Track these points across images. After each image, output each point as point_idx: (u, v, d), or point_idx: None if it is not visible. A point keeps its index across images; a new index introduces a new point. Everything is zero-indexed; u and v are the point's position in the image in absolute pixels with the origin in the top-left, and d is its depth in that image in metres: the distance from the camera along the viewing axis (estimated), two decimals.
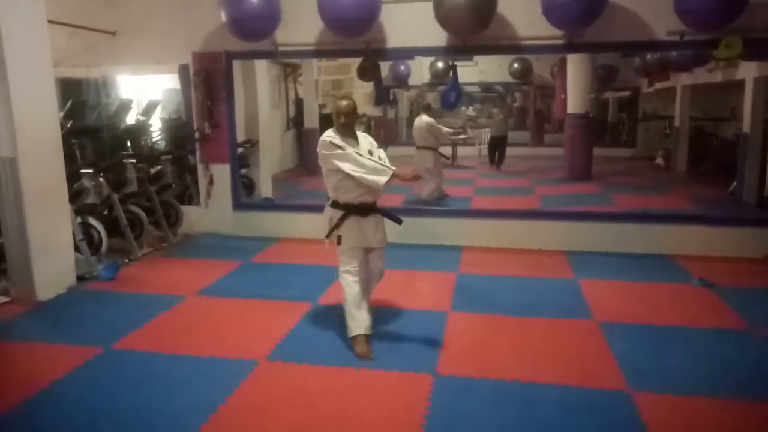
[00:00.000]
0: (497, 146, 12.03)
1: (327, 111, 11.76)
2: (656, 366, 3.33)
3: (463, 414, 2.83)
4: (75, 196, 5.25)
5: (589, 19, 5.02)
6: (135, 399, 2.94)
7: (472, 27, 5.16)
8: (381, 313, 4.11)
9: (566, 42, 5.43)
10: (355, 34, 5.47)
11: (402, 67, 12.46)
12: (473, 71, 14.13)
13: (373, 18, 5.36)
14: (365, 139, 3.63)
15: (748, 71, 7.99)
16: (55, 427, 2.72)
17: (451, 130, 9.29)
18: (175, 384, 3.10)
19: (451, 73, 6.86)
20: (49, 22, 4.55)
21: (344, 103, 3.55)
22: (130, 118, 8.37)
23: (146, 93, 9.13)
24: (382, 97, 7.53)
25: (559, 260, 5.51)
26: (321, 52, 6.14)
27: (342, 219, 3.52)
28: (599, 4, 4.91)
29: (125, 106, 8.41)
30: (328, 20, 5.36)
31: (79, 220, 4.99)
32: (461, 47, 5.63)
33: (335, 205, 3.57)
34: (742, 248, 5.54)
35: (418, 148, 7.87)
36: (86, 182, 5.25)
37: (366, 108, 14.41)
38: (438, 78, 13.77)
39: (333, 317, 3.96)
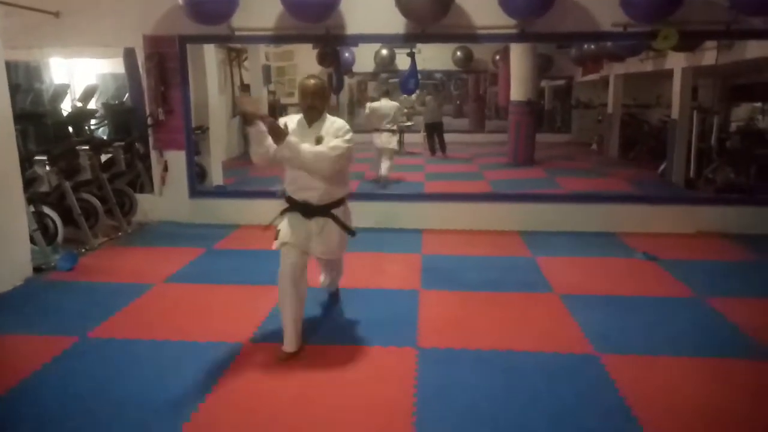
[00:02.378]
0: (434, 132, 12.36)
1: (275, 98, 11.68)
2: (617, 331, 3.62)
3: (451, 381, 3.00)
4: (27, 184, 5.00)
5: (541, 10, 5.29)
6: (125, 384, 2.92)
7: (432, 15, 5.30)
8: (356, 294, 4.24)
9: (519, 32, 5.67)
10: (315, 20, 5.48)
11: (347, 54, 12.46)
12: (416, 59, 14.28)
13: (334, 3, 5.40)
14: (329, 126, 3.19)
15: (676, 61, 8.59)
16: (45, 415, 2.66)
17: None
18: (163, 368, 3.09)
19: (410, 60, 7.00)
20: None
21: (311, 81, 3.15)
22: (66, 104, 7.99)
23: (80, 77, 8.73)
24: (340, 83, 7.60)
25: (515, 240, 5.79)
26: (279, 37, 6.09)
27: (283, 212, 3.29)
28: None
29: (61, 91, 8.01)
30: (289, 4, 5.34)
31: (32, 209, 4.78)
32: (420, 35, 5.76)
33: (284, 195, 3.33)
34: (677, 225, 6.03)
35: (381, 131, 8.26)
36: (39, 170, 5.01)
37: None
38: (383, 66, 13.88)
39: (308, 299, 4.01)
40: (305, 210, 3.24)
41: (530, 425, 2.63)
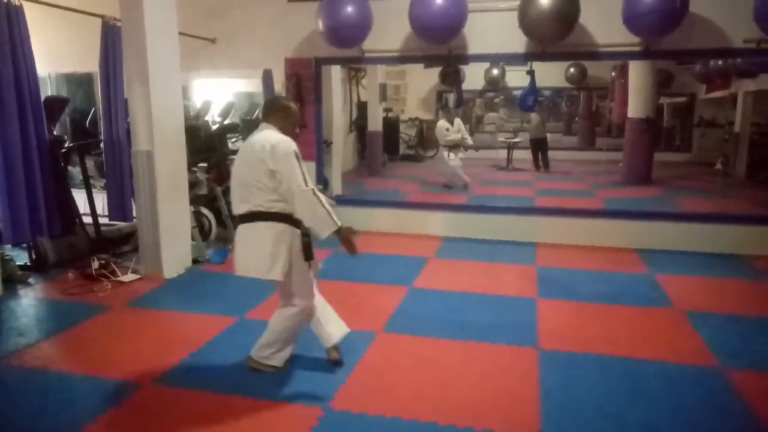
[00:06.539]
0: (538, 148, 12.39)
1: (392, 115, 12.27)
2: (744, 349, 3.60)
3: (573, 380, 3.18)
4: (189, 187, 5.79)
5: (669, 27, 5.29)
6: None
7: (556, 34, 5.49)
8: (474, 298, 4.51)
9: (643, 49, 5.69)
10: (441, 41, 5.87)
11: None
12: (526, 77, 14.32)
13: (460, 25, 5.74)
14: None
15: None
16: (221, 375, 3.22)
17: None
18: (311, 346, 3.54)
19: (529, 78, 7.21)
20: None
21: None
22: (208, 119, 9.00)
23: (218, 96, 9.78)
24: (460, 100, 8.00)
25: (633, 257, 5.77)
26: (404, 58, 6.54)
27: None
28: (680, 14, 5.18)
29: (207, 107, 9.05)
30: (418, 27, 5.77)
31: (192, 209, 5.53)
32: (541, 53, 5.96)
33: (290, 220, 3.11)
34: None
35: None
36: (200, 175, 5.79)
37: (418, 112, 14.92)
38: (492, 84, 14.07)
39: (431, 299, 4.36)
40: None
41: (654, 425, 2.75)
